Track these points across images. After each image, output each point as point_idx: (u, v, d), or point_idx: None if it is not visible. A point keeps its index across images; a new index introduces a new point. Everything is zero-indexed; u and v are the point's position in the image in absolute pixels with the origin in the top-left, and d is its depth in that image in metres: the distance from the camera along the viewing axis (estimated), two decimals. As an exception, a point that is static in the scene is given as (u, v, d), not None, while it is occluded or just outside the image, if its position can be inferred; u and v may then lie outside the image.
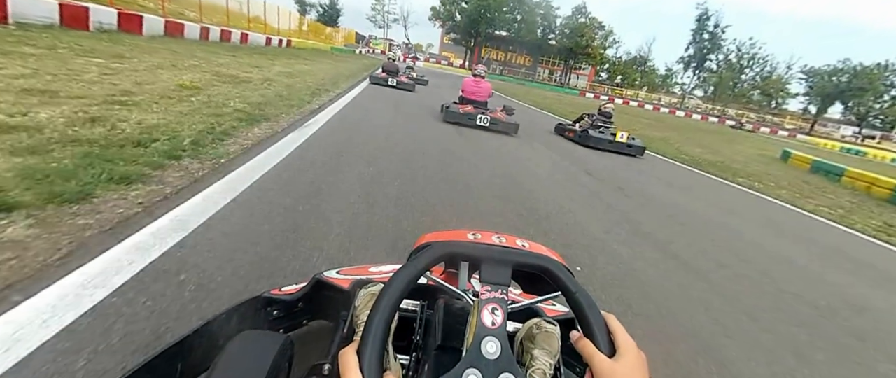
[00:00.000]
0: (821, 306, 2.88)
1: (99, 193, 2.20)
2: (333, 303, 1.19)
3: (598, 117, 8.97)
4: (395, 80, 12.53)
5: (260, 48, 17.12)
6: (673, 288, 2.71)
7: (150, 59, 6.85)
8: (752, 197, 6.77)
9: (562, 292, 0.63)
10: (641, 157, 8.50)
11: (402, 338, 0.89)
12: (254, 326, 1.12)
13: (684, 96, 61.42)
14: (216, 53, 10.36)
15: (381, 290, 0.58)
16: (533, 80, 53.04)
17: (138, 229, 1.96)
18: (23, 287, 1.45)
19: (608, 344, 0.57)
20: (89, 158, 2.52)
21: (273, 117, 4.83)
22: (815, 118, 56.59)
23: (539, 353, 0.77)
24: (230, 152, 3.41)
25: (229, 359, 0.80)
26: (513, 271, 0.65)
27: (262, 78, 7.51)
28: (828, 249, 4.53)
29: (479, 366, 0.55)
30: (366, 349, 0.52)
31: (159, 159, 2.82)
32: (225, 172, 2.95)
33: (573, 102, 24.90)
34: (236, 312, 1.10)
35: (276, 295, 1.23)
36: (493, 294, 0.62)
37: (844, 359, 2.30)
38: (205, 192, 2.55)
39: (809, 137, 40.18)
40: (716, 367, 1.93)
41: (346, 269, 1.36)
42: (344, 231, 2.46)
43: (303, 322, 1.29)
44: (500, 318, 0.59)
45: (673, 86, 65.47)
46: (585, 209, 4.22)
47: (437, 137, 6.05)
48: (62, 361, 1.19)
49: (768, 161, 12.51)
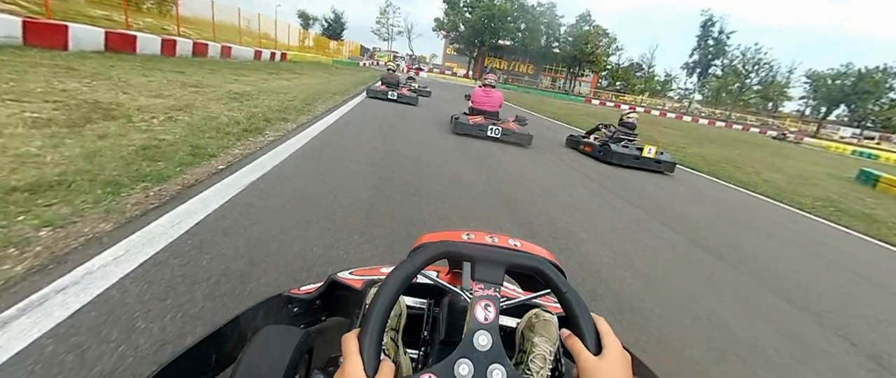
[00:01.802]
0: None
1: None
2: (348, 301, 1.21)
3: (619, 129, 7.34)
4: (395, 93, 10.56)
5: (246, 63, 14.67)
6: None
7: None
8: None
9: (553, 291, 0.63)
10: (671, 174, 6.92)
11: (412, 333, 0.93)
12: (277, 322, 1.17)
13: (690, 102, 58.60)
14: (157, 70, 7.90)
15: (379, 285, 0.59)
16: (536, 88, 50.38)
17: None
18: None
19: (595, 343, 0.58)
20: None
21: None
22: (821, 121, 53.47)
23: (539, 341, 0.79)
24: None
25: (255, 351, 0.82)
26: (506, 270, 0.65)
27: (178, 105, 4.62)
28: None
29: (470, 356, 0.56)
30: (365, 335, 0.53)
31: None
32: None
33: (581, 111, 22.23)
34: (262, 308, 1.14)
35: (295, 294, 1.24)
36: (486, 291, 0.62)
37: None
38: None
39: (815, 140, 37.58)
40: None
41: (358, 270, 1.33)
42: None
43: (321, 318, 1.30)
44: (492, 314, 0.60)
45: (670, 91, 63.30)
46: (687, 290, 2.32)
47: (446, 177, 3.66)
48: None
49: (846, 184, 9.75)
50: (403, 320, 0.88)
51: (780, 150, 18.02)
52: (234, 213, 2.31)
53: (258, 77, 9.94)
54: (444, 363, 0.55)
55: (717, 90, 57.91)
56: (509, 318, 0.91)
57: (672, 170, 6.89)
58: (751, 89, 56.61)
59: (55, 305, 1.35)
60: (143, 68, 7.07)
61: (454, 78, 48.20)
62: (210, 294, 1.55)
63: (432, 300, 0.98)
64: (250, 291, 1.61)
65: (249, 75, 9.98)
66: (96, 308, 1.37)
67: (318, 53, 35.76)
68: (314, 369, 0.81)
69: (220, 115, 4.41)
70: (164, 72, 7.23)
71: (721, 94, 57.53)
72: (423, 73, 44.30)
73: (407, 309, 0.92)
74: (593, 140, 7.44)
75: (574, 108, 25.15)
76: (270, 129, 4.34)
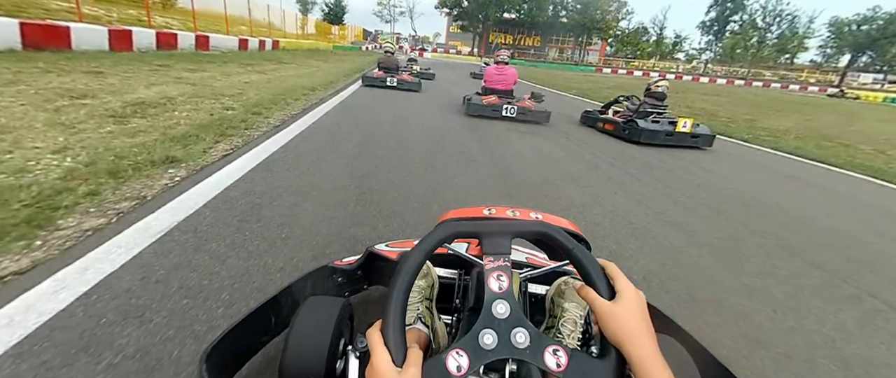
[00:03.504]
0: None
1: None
2: (385, 271, 1.25)
3: (645, 101, 5.89)
4: (394, 78, 8.82)
5: (225, 54, 12.49)
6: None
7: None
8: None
9: (560, 251, 0.63)
10: (710, 148, 5.53)
11: (446, 301, 1.03)
12: (324, 290, 1.20)
13: (706, 63, 54.22)
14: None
15: (392, 277, 0.58)
16: (544, 61, 46.83)
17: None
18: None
19: (607, 288, 0.57)
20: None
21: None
22: (846, 69, 48.54)
23: (569, 306, 0.82)
24: None
25: (304, 318, 0.92)
26: (517, 239, 0.66)
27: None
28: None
29: (492, 326, 0.56)
30: (387, 327, 0.53)
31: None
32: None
33: (593, 81, 19.49)
34: (310, 278, 1.17)
35: (339, 265, 1.26)
36: (496, 263, 0.62)
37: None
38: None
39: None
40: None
41: (394, 243, 1.38)
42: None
43: (363, 287, 1.33)
44: (506, 283, 0.60)
45: (679, 53, 58.75)
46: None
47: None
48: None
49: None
50: (436, 290, 1.02)
51: (846, 111, 14.96)
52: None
53: (220, 72, 7.74)
54: (469, 336, 0.55)
55: (731, 47, 53.23)
56: (538, 286, 1.01)
57: (710, 143, 5.53)
58: (768, 44, 51.84)
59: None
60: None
61: (459, 57, 45.04)
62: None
63: (463, 270, 1.07)
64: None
65: (210, 70, 7.80)
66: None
67: (319, 40, 33.20)
68: (358, 333, 0.75)
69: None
70: (74, 74, 5.15)
71: (736, 50, 52.88)
72: (427, 53, 41.32)
73: (439, 279, 1.06)
74: (614, 116, 6.07)
75: (593, 80, 22.30)
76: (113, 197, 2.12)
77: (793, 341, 1.52)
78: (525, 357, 0.54)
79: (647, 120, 5.37)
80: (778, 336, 1.54)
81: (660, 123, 5.32)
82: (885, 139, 7.87)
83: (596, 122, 6.24)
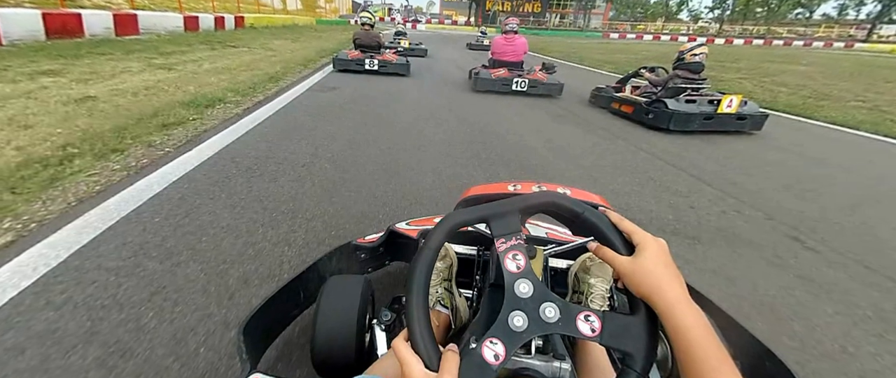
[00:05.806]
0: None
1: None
2: (407, 248, 1.27)
3: (677, 75, 4.31)
4: (375, 60, 6.55)
5: (157, 39, 9.20)
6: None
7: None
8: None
9: (571, 218, 0.57)
10: (759, 132, 4.16)
11: (466, 275, 1.03)
12: (347, 267, 1.22)
13: (721, 22, 49.22)
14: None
15: (407, 284, 0.52)
16: (546, 29, 42.16)
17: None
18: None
19: (625, 244, 0.52)
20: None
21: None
22: (875, 21, 43.45)
23: (595, 281, 0.80)
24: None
25: (328, 296, 0.93)
26: (522, 216, 0.59)
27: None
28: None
29: (518, 306, 0.51)
30: (415, 337, 0.48)
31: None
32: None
33: (618, 50, 15.95)
34: (334, 255, 1.19)
35: (361, 243, 1.26)
36: (509, 243, 0.55)
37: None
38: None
39: (869, 45, 29.86)
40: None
41: (414, 221, 1.37)
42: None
43: (385, 263, 1.34)
44: (523, 261, 0.54)
45: (680, 14, 53.70)
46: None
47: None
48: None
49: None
50: (455, 268, 1.00)
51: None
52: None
53: (90, 72, 4.63)
54: (499, 322, 0.50)
55: (745, 3, 47.99)
56: (560, 260, 0.99)
57: (760, 127, 4.24)
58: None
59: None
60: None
61: (455, 27, 40.53)
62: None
63: (483, 246, 1.04)
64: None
65: (73, 72, 4.66)
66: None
67: (305, 14, 29.10)
68: (380, 307, 0.86)
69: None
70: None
71: (751, 6, 47.72)
72: (421, 25, 36.79)
73: (457, 257, 1.04)
74: (634, 94, 4.80)
75: (616, 49, 18.66)
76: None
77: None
78: (558, 330, 0.49)
79: (679, 100, 4.10)
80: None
81: (696, 103, 4.10)
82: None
83: (609, 101, 4.93)
